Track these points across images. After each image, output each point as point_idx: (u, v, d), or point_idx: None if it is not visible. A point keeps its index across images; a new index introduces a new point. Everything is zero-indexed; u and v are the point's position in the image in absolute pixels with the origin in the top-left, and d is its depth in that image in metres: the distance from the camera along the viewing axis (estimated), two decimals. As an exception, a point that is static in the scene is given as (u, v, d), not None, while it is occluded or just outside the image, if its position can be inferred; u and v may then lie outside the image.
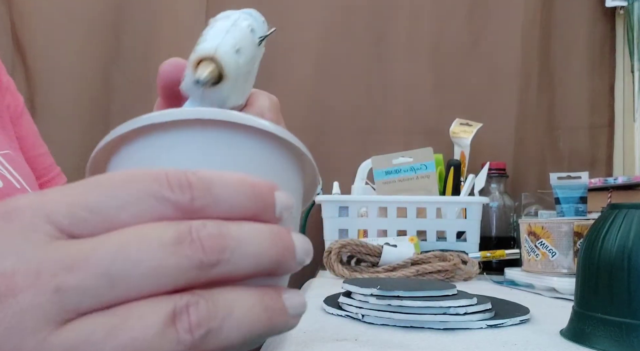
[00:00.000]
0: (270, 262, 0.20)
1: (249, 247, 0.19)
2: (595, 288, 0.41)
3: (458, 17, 1.24)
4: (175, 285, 0.18)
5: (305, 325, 0.48)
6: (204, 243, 0.18)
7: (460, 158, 1.12)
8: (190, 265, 0.18)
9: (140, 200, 0.18)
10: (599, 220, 0.43)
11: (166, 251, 0.18)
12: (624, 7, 1.18)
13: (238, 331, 0.19)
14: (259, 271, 0.20)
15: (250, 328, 0.19)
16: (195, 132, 0.23)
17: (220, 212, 0.19)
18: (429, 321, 0.46)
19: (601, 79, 1.23)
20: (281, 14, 1.22)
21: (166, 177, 0.19)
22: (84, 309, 0.17)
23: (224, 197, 0.20)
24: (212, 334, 0.18)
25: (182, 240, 0.18)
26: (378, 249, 0.83)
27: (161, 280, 0.17)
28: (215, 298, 0.18)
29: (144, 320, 0.17)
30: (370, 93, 1.24)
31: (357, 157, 1.12)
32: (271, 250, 0.20)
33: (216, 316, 0.18)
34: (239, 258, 0.19)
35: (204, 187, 0.19)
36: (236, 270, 0.19)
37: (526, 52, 1.22)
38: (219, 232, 0.19)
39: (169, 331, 0.17)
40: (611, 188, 0.92)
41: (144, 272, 0.17)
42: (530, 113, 1.23)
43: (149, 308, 0.17)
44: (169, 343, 0.17)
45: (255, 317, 0.19)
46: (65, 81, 1.14)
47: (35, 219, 0.17)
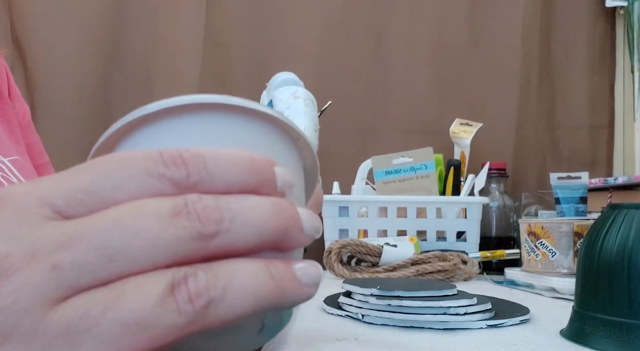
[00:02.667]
0: (274, 232, 0.19)
1: (249, 216, 0.19)
2: (595, 288, 0.41)
3: (458, 17, 1.24)
4: (174, 258, 0.17)
5: (305, 325, 0.48)
6: (200, 215, 0.18)
7: (460, 158, 1.12)
8: (189, 235, 0.17)
9: (136, 178, 0.18)
10: (599, 220, 0.43)
11: (163, 223, 0.17)
12: (624, 7, 1.18)
13: (243, 300, 0.18)
14: (264, 243, 0.19)
15: (256, 296, 0.18)
16: (194, 117, 0.23)
17: (218, 187, 0.19)
18: (429, 321, 0.46)
19: (601, 79, 1.23)
20: (281, 14, 1.22)
21: (160, 155, 0.19)
22: (82, 285, 0.17)
23: (220, 171, 0.19)
24: (215, 304, 0.17)
25: (179, 212, 0.18)
26: (378, 249, 0.83)
27: (159, 252, 0.17)
28: (215, 269, 0.18)
29: (142, 292, 0.17)
30: (370, 93, 1.24)
31: (357, 157, 1.12)
32: (274, 220, 0.19)
33: (216, 286, 0.18)
34: (239, 228, 0.18)
35: (198, 162, 0.19)
36: (238, 241, 0.18)
37: (526, 52, 1.22)
38: (216, 203, 0.18)
39: (168, 302, 0.17)
40: (611, 188, 0.92)
41: (141, 245, 0.17)
42: (530, 113, 1.23)
43: (146, 281, 0.17)
44: (169, 314, 0.17)
45: (261, 285, 0.18)
46: (65, 81, 1.14)
47: (30, 202, 0.17)
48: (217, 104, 0.22)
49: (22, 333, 0.16)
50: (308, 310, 0.55)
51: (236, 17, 1.22)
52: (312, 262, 0.20)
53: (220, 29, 1.21)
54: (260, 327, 0.23)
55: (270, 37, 1.22)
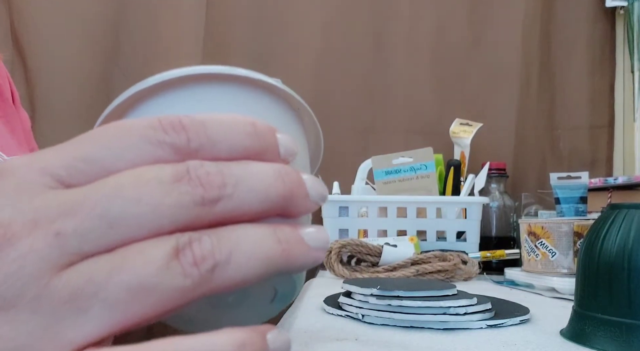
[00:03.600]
0: (279, 197, 0.19)
1: (253, 181, 0.19)
2: (595, 288, 0.41)
3: (458, 16, 1.24)
4: (177, 224, 0.17)
5: (305, 325, 0.48)
6: (202, 180, 0.18)
7: (460, 158, 1.12)
8: (191, 201, 0.17)
9: (136, 146, 0.18)
10: (599, 220, 0.43)
11: (164, 188, 0.17)
12: (624, 7, 1.18)
13: (249, 263, 0.18)
14: (269, 208, 0.19)
15: (263, 260, 0.18)
16: (198, 88, 0.23)
17: (220, 152, 0.19)
18: (429, 321, 0.46)
19: (601, 79, 1.23)
20: (281, 14, 1.22)
21: (159, 122, 0.18)
22: (85, 252, 0.17)
23: (222, 136, 0.19)
24: (221, 268, 0.17)
25: (181, 177, 0.17)
26: (378, 249, 0.83)
27: (162, 218, 0.17)
28: (220, 234, 0.18)
29: (146, 256, 0.17)
30: (370, 93, 1.24)
31: (357, 157, 1.12)
32: (278, 185, 0.19)
33: (222, 250, 0.17)
34: (243, 193, 0.18)
35: (199, 127, 0.19)
36: (242, 207, 0.18)
37: (526, 52, 1.22)
38: (218, 169, 0.18)
39: (173, 265, 0.17)
40: (611, 188, 0.92)
41: (143, 211, 0.17)
42: (530, 113, 1.23)
43: (150, 246, 0.17)
44: (174, 277, 0.17)
45: (267, 248, 0.18)
46: (65, 81, 1.14)
47: (31, 173, 0.17)
48: (219, 75, 0.23)
49: (28, 299, 0.16)
50: (308, 310, 0.55)
51: (236, 17, 1.22)
52: (320, 226, 0.20)
53: (220, 28, 1.21)
54: (272, 295, 0.23)
55: (270, 37, 1.22)
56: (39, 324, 0.16)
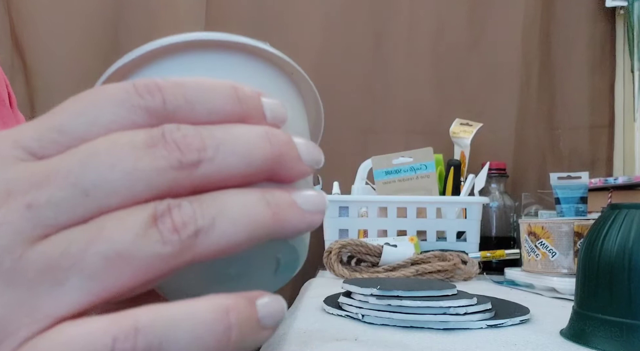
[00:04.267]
0: (266, 159, 0.18)
1: (236, 144, 0.18)
2: (595, 288, 0.41)
3: (458, 16, 1.24)
4: (154, 190, 0.17)
5: (305, 325, 0.48)
6: (179, 143, 0.17)
7: (460, 158, 1.12)
8: (168, 165, 0.17)
9: (110, 112, 0.17)
10: (599, 220, 0.43)
11: (139, 153, 0.16)
12: (624, 7, 1.18)
13: (235, 228, 0.17)
14: (256, 172, 0.18)
15: (249, 223, 0.17)
16: (187, 56, 0.22)
17: (198, 115, 0.18)
18: (429, 321, 0.46)
19: (601, 79, 1.23)
20: (281, 14, 1.22)
21: (133, 85, 0.18)
22: (60, 223, 0.16)
23: (200, 99, 0.18)
24: (204, 233, 0.16)
25: (156, 141, 0.17)
26: (378, 249, 0.83)
27: (138, 184, 0.16)
28: (203, 199, 0.17)
29: (122, 225, 0.16)
30: (370, 93, 1.24)
31: (357, 157, 1.12)
32: (265, 146, 0.18)
33: (204, 215, 0.17)
34: (225, 156, 0.17)
35: (175, 89, 0.18)
36: (225, 170, 0.17)
37: (526, 52, 1.22)
38: (197, 131, 0.17)
39: (150, 232, 0.16)
40: (611, 188, 0.92)
41: (118, 178, 0.16)
42: (530, 113, 1.23)
43: (127, 214, 0.16)
44: (152, 244, 0.16)
45: (255, 212, 0.17)
46: (65, 80, 1.14)
47: (3, 146, 0.17)
48: (202, 41, 0.22)
49: (2, 272, 0.15)
50: (308, 310, 0.55)
51: (236, 17, 1.22)
52: (317, 190, 0.19)
53: (220, 28, 1.21)
54: (275, 266, 0.22)
55: (270, 36, 1.22)
56: (14, 297, 0.15)
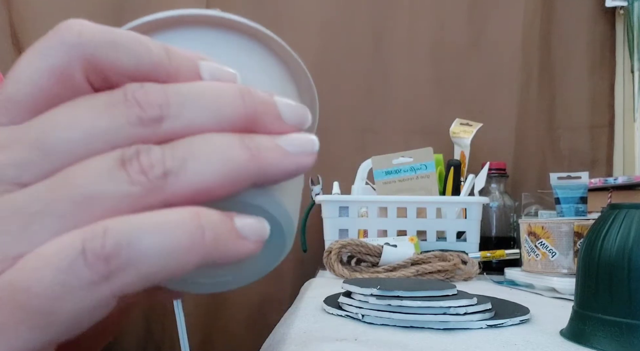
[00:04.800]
0: (240, 115, 0.18)
1: (205, 99, 0.17)
2: (595, 288, 0.41)
3: (458, 16, 1.24)
4: (116, 147, 0.17)
5: (305, 325, 0.48)
6: (139, 100, 0.17)
7: (460, 158, 1.12)
8: (126, 121, 0.17)
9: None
10: (599, 220, 0.43)
11: (97, 111, 0.17)
12: (624, 7, 1.18)
13: (210, 167, 0.16)
14: (229, 129, 0.17)
15: (225, 164, 0.17)
16: (170, 33, 0.22)
17: (166, 73, 0.18)
18: (429, 321, 0.46)
19: (601, 79, 1.23)
20: (281, 13, 1.22)
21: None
22: (25, 182, 0.16)
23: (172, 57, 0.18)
24: (174, 175, 0.16)
25: (115, 102, 0.17)
26: (378, 249, 0.83)
27: (96, 142, 0.16)
28: (175, 143, 0.17)
29: (88, 170, 0.16)
30: (370, 93, 1.24)
31: (357, 157, 1.12)
32: (237, 102, 0.17)
33: (174, 157, 0.16)
34: (192, 112, 0.17)
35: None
36: (194, 126, 0.17)
37: (526, 52, 1.22)
38: (160, 88, 0.17)
39: (117, 174, 0.16)
40: (611, 188, 0.92)
41: (77, 136, 0.16)
42: (530, 113, 1.23)
43: (94, 161, 0.16)
44: (120, 184, 0.16)
45: (231, 153, 0.17)
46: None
47: None
48: (181, 17, 0.22)
49: None
50: (308, 310, 0.55)
51: (236, 17, 1.22)
52: (306, 134, 0.19)
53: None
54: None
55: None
56: None
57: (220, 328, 1.19)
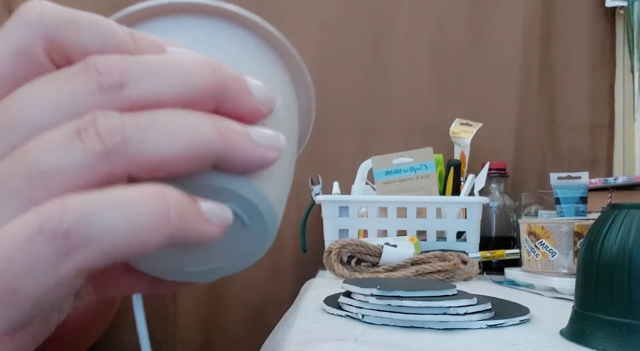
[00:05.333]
0: (208, 85, 0.17)
1: (170, 68, 0.17)
2: (595, 288, 0.41)
3: (458, 16, 1.24)
4: (79, 113, 0.16)
5: (305, 325, 0.48)
6: (99, 68, 0.16)
7: (460, 158, 1.12)
8: (84, 89, 0.16)
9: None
10: (599, 220, 0.43)
11: (57, 83, 0.17)
12: (624, 7, 1.18)
13: (171, 139, 0.16)
14: (197, 98, 0.17)
15: (189, 138, 0.16)
16: (166, 20, 0.22)
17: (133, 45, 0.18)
18: (429, 321, 0.46)
19: (601, 79, 1.23)
20: (281, 13, 1.22)
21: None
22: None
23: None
24: (134, 143, 0.16)
25: (75, 72, 0.17)
26: (378, 249, 0.83)
27: (58, 112, 0.16)
28: (136, 114, 0.16)
29: (44, 143, 0.16)
30: (370, 93, 1.24)
31: (357, 157, 1.12)
32: (204, 71, 0.17)
33: (134, 125, 0.16)
34: (156, 79, 0.17)
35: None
36: (159, 94, 0.17)
37: (526, 51, 1.22)
38: (122, 58, 0.17)
39: (72, 143, 0.15)
40: (611, 188, 0.92)
41: (36, 108, 0.16)
42: (530, 113, 1.23)
43: (51, 133, 0.16)
44: (74, 154, 0.15)
45: (197, 129, 0.16)
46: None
47: None
48: (182, 5, 0.22)
49: None
50: (308, 310, 0.55)
51: (236, 17, 1.22)
52: (276, 132, 0.19)
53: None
54: (240, 224, 0.20)
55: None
56: None
57: (220, 328, 1.19)
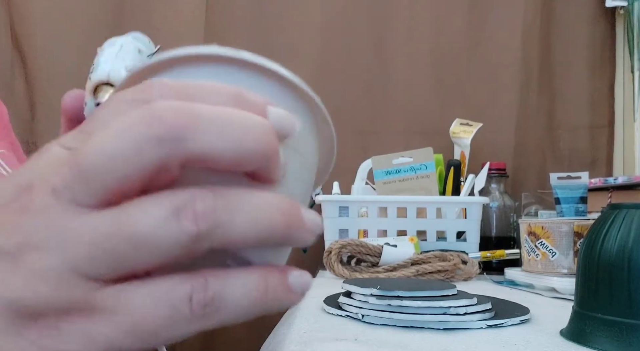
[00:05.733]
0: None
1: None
2: (595, 288, 0.41)
3: (458, 17, 1.24)
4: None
5: (305, 325, 0.48)
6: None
7: (460, 158, 1.12)
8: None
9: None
10: (599, 220, 0.43)
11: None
12: (624, 7, 1.18)
13: (252, 226, 0.18)
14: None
15: (266, 224, 0.19)
16: (204, 68, 0.23)
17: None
18: (429, 321, 0.46)
19: (601, 79, 1.23)
20: (281, 14, 1.22)
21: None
22: (81, 202, 0.18)
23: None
24: (222, 228, 0.18)
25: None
26: (378, 249, 0.83)
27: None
28: (225, 192, 0.18)
29: (147, 213, 0.17)
30: (370, 93, 1.24)
31: (357, 157, 1.12)
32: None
33: (226, 209, 0.18)
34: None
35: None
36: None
37: (526, 52, 1.22)
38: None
39: (170, 222, 0.17)
40: (611, 188, 0.92)
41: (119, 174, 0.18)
42: (530, 113, 1.23)
43: (152, 203, 0.18)
44: (169, 233, 0.17)
45: (271, 217, 0.19)
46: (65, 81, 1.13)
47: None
48: (227, 57, 0.23)
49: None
50: (308, 310, 0.55)
51: (236, 17, 1.22)
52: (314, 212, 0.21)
53: (220, 28, 1.21)
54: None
55: (270, 37, 1.22)
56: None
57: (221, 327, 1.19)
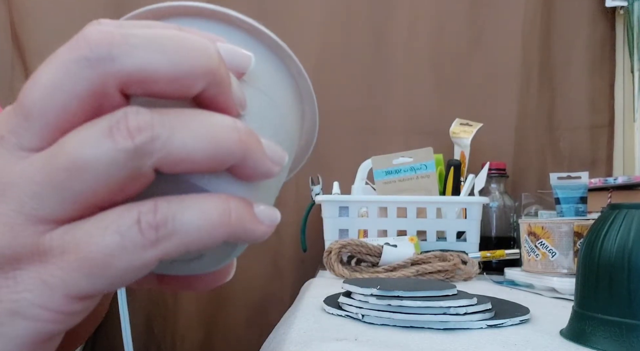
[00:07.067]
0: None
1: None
2: (595, 288, 0.41)
3: (458, 17, 1.24)
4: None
5: (305, 324, 0.48)
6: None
7: (460, 158, 1.12)
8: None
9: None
10: (599, 220, 0.43)
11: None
12: (624, 7, 1.18)
13: (198, 140, 0.18)
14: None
15: (216, 139, 0.18)
16: (180, 21, 0.23)
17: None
18: (429, 321, 0.46)
19: (601, 79, 1.23)
20: (281, 14, 1.22)
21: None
22: (25, 146, 0.18)
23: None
24: (161, 140, 0.17)
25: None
26: (378, 249, 0.83)
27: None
28: (165, 109, 0.18)
29: (79, 137, 0.17)
30: (370, 93, 1.24)
31: (357, 157, 1.12)
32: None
33: (163, 123, 0.17)
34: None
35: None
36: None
37: (526, 52, 1.22)
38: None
39: (104, 141, 0.17)
40: (611, 188, 0.92)
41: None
42: (530, 113, 1.23)
43: (84, 128, 0.17)
44: (104, 152, 0.17)
45: (222, 131, 0.18)
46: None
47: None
48: (213, 11, 0.23)
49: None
50: (308, 310, 0.55)
51: (236, 17, 1.22)
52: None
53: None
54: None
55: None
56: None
57: (221, 326, 1.19)
